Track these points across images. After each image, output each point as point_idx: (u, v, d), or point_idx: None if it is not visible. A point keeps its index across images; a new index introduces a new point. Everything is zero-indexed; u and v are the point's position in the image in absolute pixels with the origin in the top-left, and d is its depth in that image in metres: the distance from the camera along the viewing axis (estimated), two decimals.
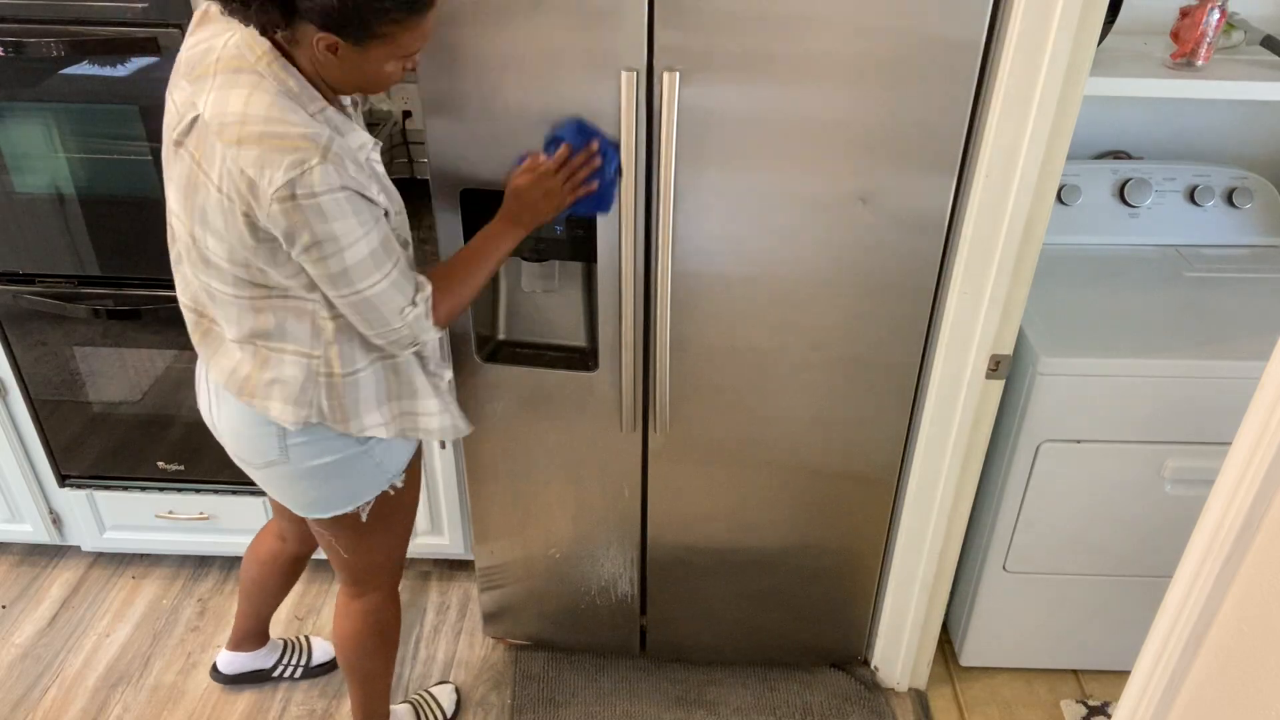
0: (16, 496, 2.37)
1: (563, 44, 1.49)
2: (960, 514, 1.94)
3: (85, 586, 2.47)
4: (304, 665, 2.23)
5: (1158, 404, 1.81)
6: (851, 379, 1.78)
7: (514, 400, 1.87)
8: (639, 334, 1.75)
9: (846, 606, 2.11)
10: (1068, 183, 2.11)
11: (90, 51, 1.79)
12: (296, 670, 2.22)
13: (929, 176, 1.56)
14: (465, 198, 1.66)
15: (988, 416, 1.80)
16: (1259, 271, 2.05)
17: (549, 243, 1.74)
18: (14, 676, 2.23)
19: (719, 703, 2.17)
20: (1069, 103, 1.48)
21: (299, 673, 2.22)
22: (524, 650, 2.30)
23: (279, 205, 1.24)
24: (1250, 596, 0.92)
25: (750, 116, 1.53)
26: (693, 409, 1.84)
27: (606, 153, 1.55)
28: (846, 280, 1.67)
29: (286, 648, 2.23)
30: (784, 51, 1.47)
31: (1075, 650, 2.19)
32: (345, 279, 1.33)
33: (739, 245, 1.65)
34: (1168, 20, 1.89)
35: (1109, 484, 1.91)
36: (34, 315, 2.10)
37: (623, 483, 1.95)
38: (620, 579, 2.11)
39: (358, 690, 1.89)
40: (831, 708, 2.16)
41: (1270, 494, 0.89)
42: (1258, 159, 2.21)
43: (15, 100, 1.85)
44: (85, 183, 1.94)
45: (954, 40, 1.44)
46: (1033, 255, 1.62)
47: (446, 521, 2.32)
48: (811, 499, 1.94)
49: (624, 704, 2.16)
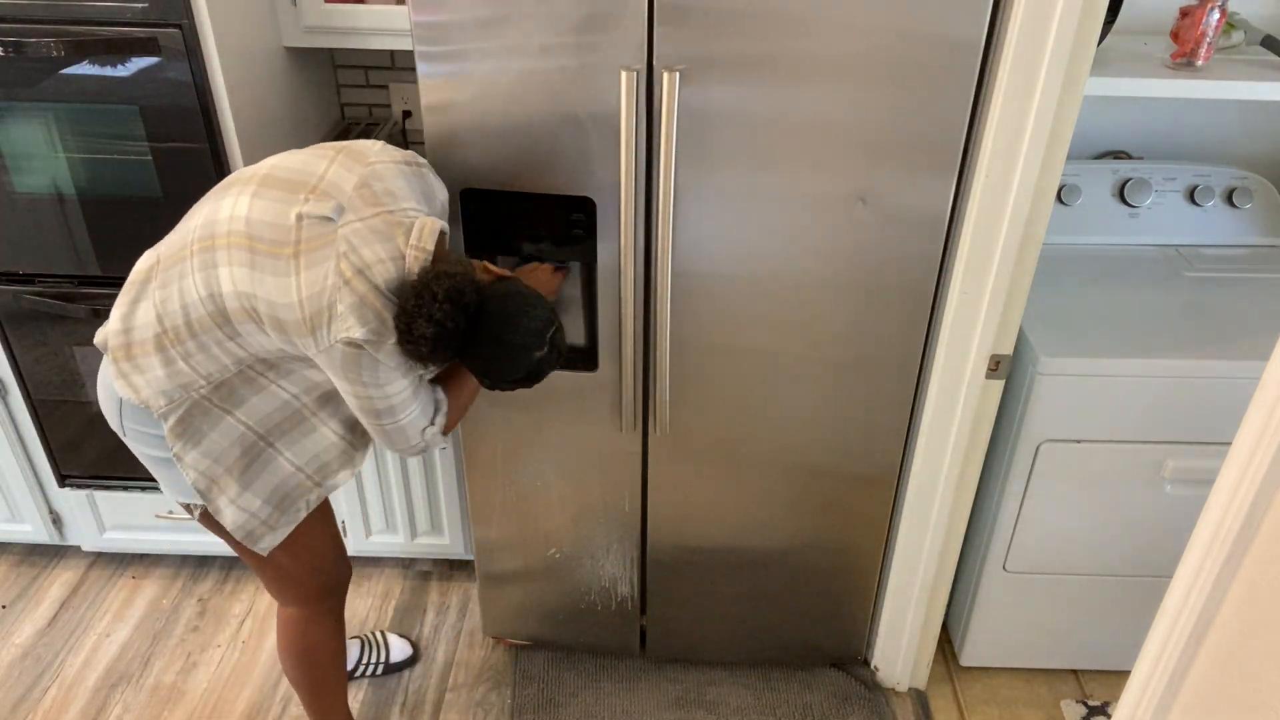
0: (16, 496, 2.37)
1: (563, 44, 1.49)
2: (960, 514, 1.94)
3: (85, 586, 2.47)
4: (384, 662, 2.23)
5: (1158, 404, 1.81)
6: (851, 379, 1.78)
7: (514, 400, 1.87)
8: (639, 334, 1.75)
9: (846, 606, 2.11)
10: (1068, 183, 2.11)
11: (90, 51, 1.79)
12: (378, 668, 2.23)
13: (929, 176, 1.56)
14: (465, 197, 1.66)
15: (988, 416, 1.80)
16: (1259, 271, 2.05)
17: (549, 243, 1.74)
18: (14, 676, 2.23)
19: (719, 703, 2.17)
20: (1069, 103, 1.48)
21: (380, 670, 2.23)
22: (524, 650, 2.30)
23: (342, 349, 1.34)
24: (1250, 596, 0.92)
25: (750, 116, 1.53)
26: (693, 409, 1.84)
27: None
28: (846, 280, 1.67)
29: (364, 646, 2.24)
30: (784, 51, 1.47)
31: (1075, 650, 2.19)
32: (386, 412, 1.43)
33: (739, 245, 1.65)
34: (1168, 20, 1.89)
35: (1109, 484, 1.91)
36: (34, 315, 2.10)
37: (623, 482, 1.95)
38: (620, 579, 2.11)
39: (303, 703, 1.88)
40: (831, 708, 2.16)
41: (1270, 494, 0.89)
42: (1258, 159, 2.21)
43: (15, 100, 1.85)
44: (85, 183, 1.94)
45: (954, 40, 1.44)
46: (1033, 255, 1.62)
47: (446, 521, 2.32)
48: (811, 499, 1.94)
49: (624, 704, 2.16)
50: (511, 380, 1.42)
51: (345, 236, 1.31)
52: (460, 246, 1.71)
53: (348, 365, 1.35)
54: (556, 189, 1.63)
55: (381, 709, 2.16)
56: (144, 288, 1.42)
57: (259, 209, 1.33)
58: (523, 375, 1.42)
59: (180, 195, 1.93)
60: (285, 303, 1.31)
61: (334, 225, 1.32)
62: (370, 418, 1.44)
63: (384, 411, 1.42)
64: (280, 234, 1.32)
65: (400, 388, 1.40)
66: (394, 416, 1.43)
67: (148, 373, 1.41)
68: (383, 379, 1.37)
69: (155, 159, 1.90)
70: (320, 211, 1.32)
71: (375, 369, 1.36)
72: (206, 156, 1.89)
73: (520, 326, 1.38)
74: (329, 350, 1.33)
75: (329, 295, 1.30)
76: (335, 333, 1.31)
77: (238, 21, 1.87)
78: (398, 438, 1.47)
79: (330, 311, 1.30)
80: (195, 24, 1.77)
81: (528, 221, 1.69)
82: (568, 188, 1.63)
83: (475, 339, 1.37)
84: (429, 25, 1.50)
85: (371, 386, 1.38)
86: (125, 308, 1.43)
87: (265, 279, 1.32)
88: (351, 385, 1.38)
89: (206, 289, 1.35)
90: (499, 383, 1.43)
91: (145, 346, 1.41)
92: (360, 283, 1.30)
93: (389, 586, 2.48)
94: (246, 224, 1.33)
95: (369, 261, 1.31)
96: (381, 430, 1.45)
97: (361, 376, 1.36)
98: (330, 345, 1.32)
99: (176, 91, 1.82)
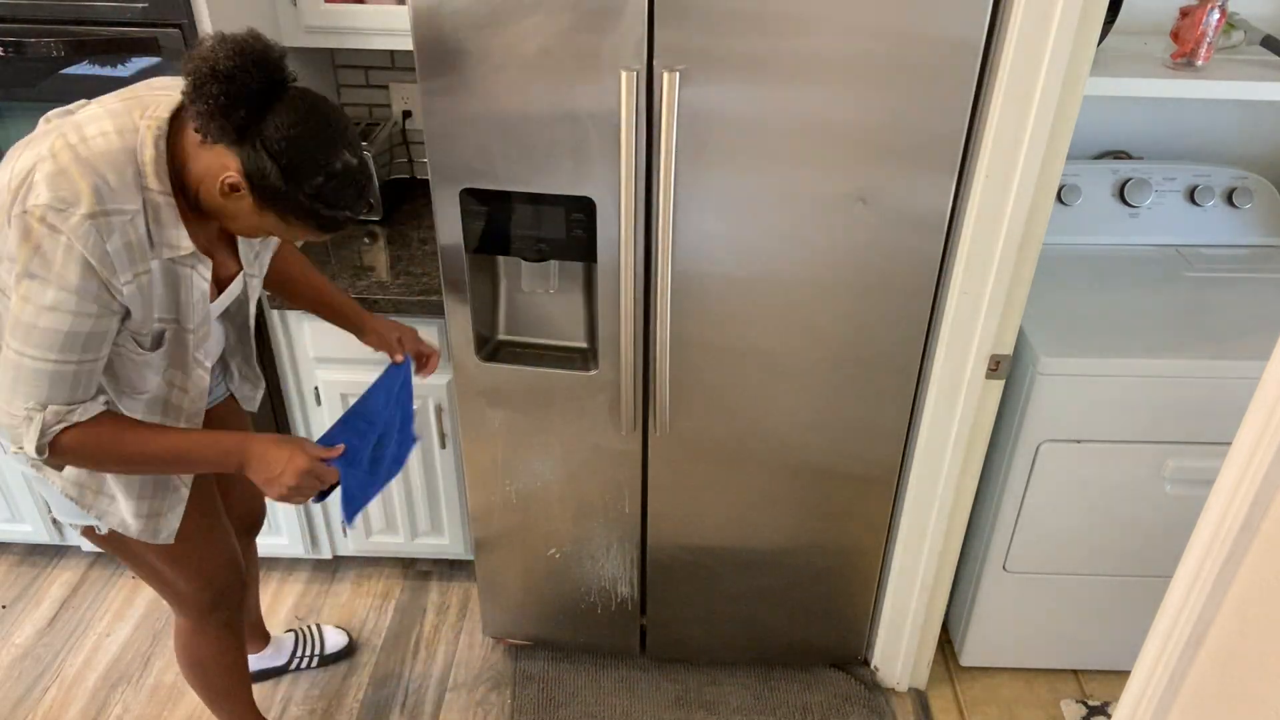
0: (16, 496, 2.37)
1: (563, 44, 1.49)
2: (960, 514, 1.94)
3: (85, 586, 2.47)
4: (318, 655, 2.23)
5: (1158, 404, 1.81)
6: (851, 379, 1.78)
7: (514, 400, 1.87)
8: (639, 334, 1.75)
9: (846, 606, 2.11)
10: (1068, 183, 2.11)
11: (90, 51, 1.79)
12: (312, 660, 2.23)
13: (929, 176, 1.56)
14: (465, 197, 1.66)
15: (988, 416, 1.80)
16: (1259, 271, 2.05)
17: (549, 243, 1.74)
18: (14, 676, 2.23)
19: (719, 703, 2.17)
20: (1069, 103, 1.48)
21: (315, 662, 2.23)
22: (524, 650, 2.30)
23: (19, 219, 1.16)
24: (1250, 596, 0.92)
25: (750, 116, 1.53)
26: (693, 409, 1.84)
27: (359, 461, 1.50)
28: (846, 280, 1.67)
29: (298, 640, 2.23)
30: (784, 51, 1.47)
31: (1075, 650, 2.19)
32: (20, 331, 1.19)
33: (739, 245, 1.65)
34: (1168, 20, 1.89)
35: (1109, 484, 1.91)
36: None
37: (623, 482, 1.95)
38: (620, 579, 2.11)
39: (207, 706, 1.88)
40: (831, 708, 2.16)
41: (1270, 494, 0.89)
42: (1258, 159, 2.21)
43: (15, 100, 1.85)
44: None
45: (954, 40, 1.44)
46: (1033, 255, 1.62)
47: (446, 521, 2.32)
48: (811, 499, 1.94)
49: (624, 704, 2.16)
50: (309, 187, 1.21)
51: (75, 120, 1.21)
52: (460, 246, 1.71)
53: (21, 245, 1.16)
54: (556, 189, 1.63)
55: (381, 709, 2.16)
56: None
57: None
58: (322, 179, 1.21)
59: None
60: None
61: (72, 115, 1.24)
62: (6, 332, 1.20)
63: (21, 332, 1.18)
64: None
65: (58, 302, 1.17)
66: (24, 346, 1.18)
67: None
68: (51, 275, 1.16)
69: None
70: (65, 108, 1.24)
71: (46, 258, 1.15)
72: None
73: (333, 118, 1.23)
74: (14, 223, 1.16)
75: (33, 173, 1.17)
76: (20, 204, 1.16)
77: (238, 21, 1.87)
78: (4, 384, 1.21)
79: (27, 184, 1.16)
80: (195, 24, 1.77)
81: (528, 221, 1.69)
82: (568, 188, 1.63)
83: (272, 111, 1.19)
84: (429, 25, 1.50)
85: (33, 281, 1.16)
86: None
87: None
88: (16, 279, 1.17)
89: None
90: (296, 189, 1.21)
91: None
92: (67, 154, 1.17)
93: (389, 586, 2.48)
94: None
95: (88, 136, 1.19)
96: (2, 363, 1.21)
97: (30, 265, 1.16)
98: (11, 219, 1.16)
99: None
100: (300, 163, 1.19)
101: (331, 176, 1.22)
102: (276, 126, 1.18)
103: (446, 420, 2.14)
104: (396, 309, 1.98)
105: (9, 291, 1.21)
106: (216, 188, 1.23)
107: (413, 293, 1.99)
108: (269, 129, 1.18)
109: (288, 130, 1.19)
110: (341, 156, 1.23)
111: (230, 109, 1.16)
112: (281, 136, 1.18)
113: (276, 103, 1.19)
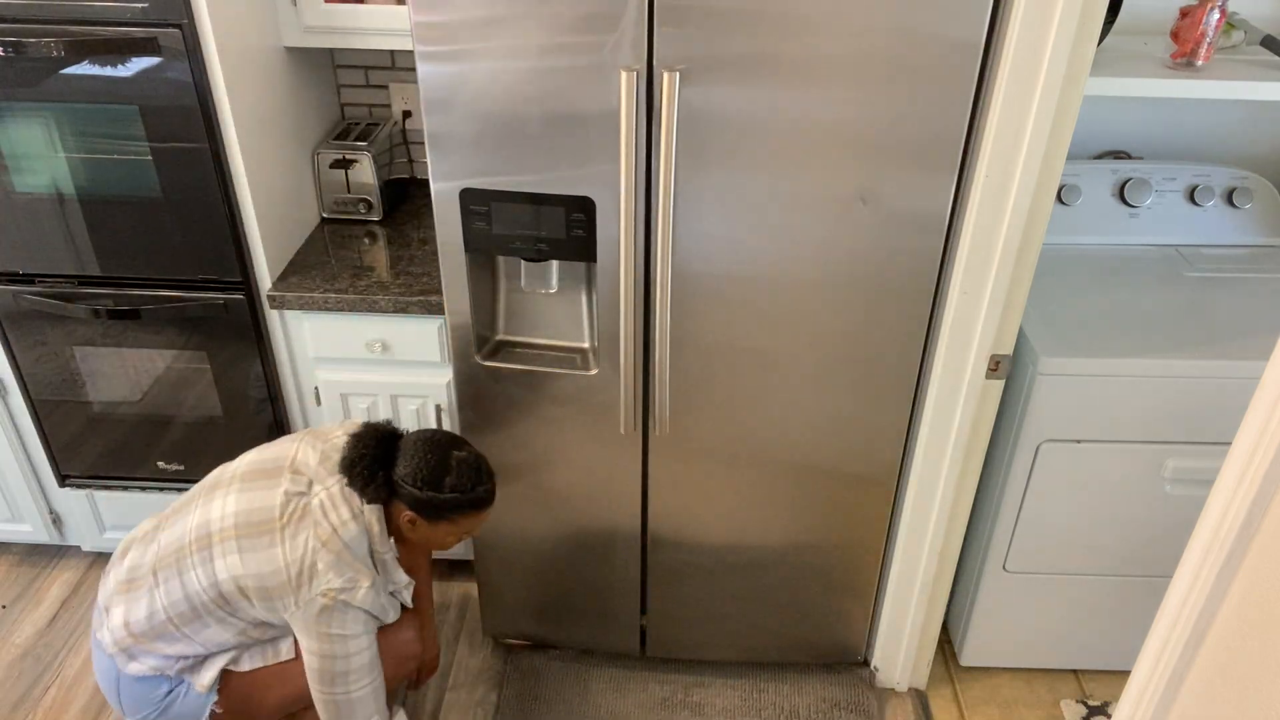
0: (16, 496, 2.37)
1: (563, 44, 1.49)
2: (960, 514, 1.94)
3: (85, 586, 2.47)
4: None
5: (1158, 404, 1.81)
6: (851, 379, 1.78)
7: (514, 400, 1.87)
8: (639, 334, 1.75)
9: (846, 606, 2.11)
10: (1068, 183, 2.11)
11: (90, 51, 1.79)
12: None
13: (929, 176, 1.56)
14: (465, 197, 1.66)
15: (988, 416, 1.81)
16: (1259, 271, 2.05)
17: (549, 243, 1.74)
18: (14, 676, 2.23)
19: (719, 703, 2.17)
20: (1069, 103, 1.48)
21: None
22: (523, 650, 2.30)
23: (320, 599, 1.59)
24: (1250, 596, 0.92)
25: (750, 116, 1.53)
26: (693, 409, 1.84)
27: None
28: (846, 280, 1.67)
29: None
30: (784, 51, 1.47)
31: (1075, 650, 2.19)
32: (343, 679, 1.65)
33: (739, 245, 1.65)
34: (1168, 20, 1.89)
35: (1109, 484, 1.91)
36: (34, 315, 2.10)
37: (623, 483, 1.95)
38: (620, 579, 2.11)
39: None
40: (831, 708, 2.16)
41: (1270, 494, 0.89)
42: (1258, 159, 2.21)
43: (15, 100, 1.85)
44: (85, 183, 1.94)
45: (954, 40, 1.44)
46: (1033, 255, 1.62)
47: None
48: (811, 499, 1.94)
49: (624, 704, 2.16)
50: (446, 487, 1.63)
51: (317, 507, 1.61)
52: (460, 245, 1.72)
53: (322, 616, 1.59)
54: (556, 189, 1.63)
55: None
56: (141, 584, 1.66)
57: (245, 501, 1.62)
58: (452, 478, 1.63)
59: (180, 195, 1.93)
60: (271, 570, 1.58)
61: (307, 498, 1.62)
62: (325, 684, 1.64)
63: (339, 676, 1.64)
64: (268, 515, 1.60)
65: (362, 646, 1.64)
66: (347, 684, 1.65)
67: (152, 655, 1.67)
68: (349, 629, 1.62)
69: (155, 159, 1.90)
70: (298, 488, 1.62)
71: (344, 617, 1.61)
72: (206, 156, 1.89)
73: (436, 439, 1.68)
74: (309, 604, 1.59)
75: (310, 557, 1.58)
76: (316, 587, 1.58)
77: (238, 21, 1.87)
78: (345, 712, 1.67)
79: (312, 571, 1.58)
80: (195, 24, 1.77)
81: (527, 221, 1.69)
82: (567, 187, 1.63)
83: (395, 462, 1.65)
84: (429, 25, 1.50)
85: (338, 641, 1.61)
86: (125, 605, 1.67)
87: (252, 558, 1.59)
88: (319, 642, 1.61)
89: (208, 579, 1.61)
90: (439, 494, 1.63)
91: (148, 635, 1.65)
92: (334, 543, 1.59)
93: None
94: (235, 518, 1.61)
95: (336, 525, 1.60)
96: (332, 702, 1.66)
97: (331, 627, 1.60)
98: (310, 599, 1.58)
99: (176, 91, 1.82)
100: (430, 478, 1.61)
101: (455, 472, 1.63)
102: (404, 467, 1.62)
103: (446, 420, 2.14)
104: (397, 309, 1.98)
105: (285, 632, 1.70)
106: (404, 528, 1.67)
107: (413, 292, 1.99)
108: (400, 471, 1.62)
109: (412, 465, 1.62)
110: (453, 457, 1.64)
111: (371, 478, 1.61)
112: (409, 472, 1.61)
113: (396, 454, 1.64)
